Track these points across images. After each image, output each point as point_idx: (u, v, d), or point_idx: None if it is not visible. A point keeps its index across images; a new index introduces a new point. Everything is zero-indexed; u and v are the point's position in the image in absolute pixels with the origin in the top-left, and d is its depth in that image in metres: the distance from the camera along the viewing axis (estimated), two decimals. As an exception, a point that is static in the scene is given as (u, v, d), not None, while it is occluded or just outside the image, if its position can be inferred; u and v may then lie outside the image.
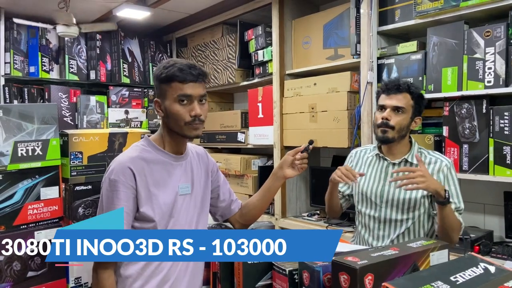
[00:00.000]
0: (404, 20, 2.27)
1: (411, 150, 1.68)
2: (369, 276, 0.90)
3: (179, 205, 1.35)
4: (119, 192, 1.26)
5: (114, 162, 1.31)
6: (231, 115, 3.45)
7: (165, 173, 1.34)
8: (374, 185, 1.70)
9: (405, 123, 1.62)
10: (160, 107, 1.32)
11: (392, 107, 1.62)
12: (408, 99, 1.63)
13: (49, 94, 3.42)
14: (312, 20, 2.86)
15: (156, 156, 1.34)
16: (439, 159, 1.64)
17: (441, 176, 1.61)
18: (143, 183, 1.29)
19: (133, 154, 1.32)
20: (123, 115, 3.72)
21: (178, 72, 1.26)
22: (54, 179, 1.48)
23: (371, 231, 1.70)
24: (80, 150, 1.51)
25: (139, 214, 1.29)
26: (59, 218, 1.51)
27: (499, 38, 1.91)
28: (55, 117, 1.46)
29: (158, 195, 1.30)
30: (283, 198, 2.98)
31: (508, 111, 1.90)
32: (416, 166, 1.58)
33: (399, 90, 1.62)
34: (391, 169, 1.67)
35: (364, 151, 1.82)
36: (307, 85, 2.78)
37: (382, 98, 1.67)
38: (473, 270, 0.93)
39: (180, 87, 1.27)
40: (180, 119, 1.28)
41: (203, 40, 3.71)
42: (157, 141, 1.37)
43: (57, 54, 3.60)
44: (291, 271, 1.08)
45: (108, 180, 1.28)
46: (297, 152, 1.54)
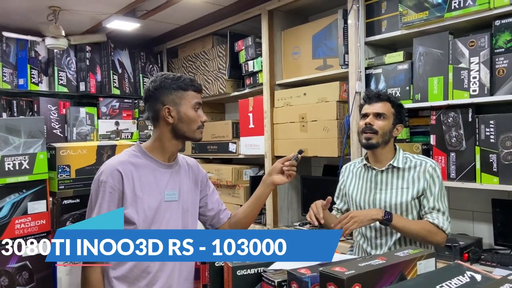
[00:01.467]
0: (390, 30, 2.31)
1: (396, 156, 1.72)
2: (356, 286, 0.90)
3: (163, 210, 1.41)
4: (105, 193, 1.34)
5: (104, 165, 1.40)
6: (222, 126, 3.45)
7: (152, 178, 1.41)
8: (366, 195, 1.74)
9: (387, 128, 1.68)
10: (171, 113, 1.41)
11: (374, 113, 1.69)
12: (388, 107, 1.70)
13: (38, 107, 3.40)
14: (301, 31, 2.89)
15: (144, 162, 1.42)
16: (423, 161, 1.68)
17: (427, 176, 1.64)
18: (130, 185, 1.36)
19: (123, 158, 1.40)
20: (113, 127, 3.71)
21: (191, 83, 1.44)
22: (42, 193, 1.47)
23: (369, 240, 1.72)
24: (68, 163, 1.50)
25: (124, 216, 1.32)
26: (47, 232, 1.50)
27: (483, 48, 1.95)
28: (42, 131, 1.46)
29: (143, 198, 1.37)
30: (275, 208, 2.98)
31: (493, 120, 1.93)
32: (403, 170, 1.68)
33: (379, 98, 1.70)
34: (379, 177, 1.72)
35: (353, 164, 1.86)
36: (297, 95, 2.80)
37: (364, 108, 1.74)
38: (459, 278, 0.94)
39: (195, 96, 1.44)
40: (195, 123, 1.43)
41: (193, 50, 3.72)
42: (148, 148, 1.45)
43: (46, 66, 3.59)
44: (280, 282, 1.07)
45: (97, 181, 1.36)
46: (286, 160, 1.56)
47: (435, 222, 1.61)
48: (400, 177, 1.68)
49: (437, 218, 1.61)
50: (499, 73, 1.91)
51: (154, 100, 1.42)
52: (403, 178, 1.68)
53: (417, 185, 1.65)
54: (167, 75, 1.44)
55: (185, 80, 1.43)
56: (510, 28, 1.89)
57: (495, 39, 1.93)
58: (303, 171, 3.13)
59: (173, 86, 1.42)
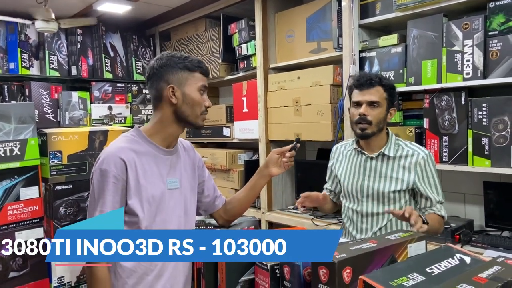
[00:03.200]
0: (385, 13, 2.29)
1: (388, 143, 1.68)
2: (347, 269, 0.91)
3: (167, 199, 1.34)
4: (109, 183, 1.25)
5: (104, 152, 1.30)
6: (216, 110, 3.43)
7: (154, 166, 1.33)
8: (354, 180, 1.72)
9: (381, 116, 1.63)
10: (175, 93, 1.32)
11: (367, 103, 1.62)
12: (381, 92, 1.63)
13: (30, 91, 3.36)
14: (295, 13, 2.85)
15: (146, 148, 1.33)
16: (416, 151, 1.64)
17: (418, 170, 1.62)
18: (134, 174, 1.28)
19: (124, 144, 1.31)
20: (106, 111, 3.68)
21: (199, 64, 1.35)
22: (34, 179, 1.46)
23: (354, 224, 1.73)
24: (60, 149, 1.49)
25: (127, 207, 1.28)
26: (40, 218, 1.50)
27: (477, 31, 1.94)
28: (32, 116, 1.44)
29: (147, 187, 1.30)
30: (269, 192, 2.99)
31: (486, 103, 1.94)
32: (394, 159, 1.65)
33: (371, 84, 1.62)
34: (369, 164, 1.70)
35: (344, 146, 1.83)
36: (291, 79, 2.78)
37: (355, 94, 1.67)
38: (448, 261, 0.95)
39: (202, 78, 1.36)
40: (199, 106, 1.35)
41: (186, 34, 3.68)
42: (148, 132, 1.36)
43: (37, 49, 3.53)
44: (273, 266, 1.09)
45: (99, 170, 1.27)
46: (283, 151, 1.56)
47: (442, 213, 1.63)
48: (390, 165, 1.66)
49: (441, 209, 1.63)
50: (492, 56, 1.91)
51: (158, 78, 1.33)
52: (393, 167, 1.65)
53: (407, 177, 1.63)
54: (174, 53, 1.36)
55: (192, 60, 1.35)
56: (505, 10, 1.87)
57: (489, 21, 1.91)
58: (297, 155, 3.09)
59: (180, 65, 1.33)
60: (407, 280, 0.82)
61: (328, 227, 2.54)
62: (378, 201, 1.67)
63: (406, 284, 0.80)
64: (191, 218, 1.46)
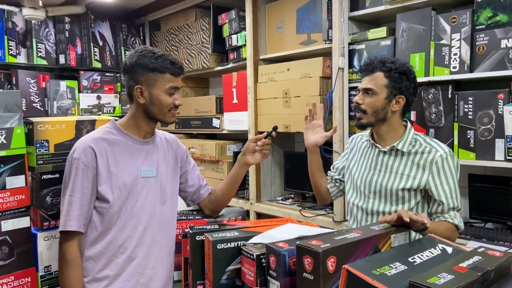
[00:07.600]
0: (374, 5, 2.29)
1: (404, 136, 1.52)
2: (331, 258, 0.93)
3: (140, 187, 1.40)
4: (78, 170, 1.33)
5: (78, 142, 1.38)
6: (206, 101, 3.42)
7: (127, 155, 1.39)
8: (364, 174, 1.59)
9: (378, 105, 1.48)
10: (142, 94, 1.37)
11: (362, 90, 1.52)
12: (380, 79, 1.48)
13: (17, 79, 3.31)
14: (286, 4, 2.85)
15: (119, 138, 1.40)
16: (433, 149, 1.48)
17: (434, 169, 1.46)
18: (104, 163, 1.35)
19: (97, 135, 1.39)
20: (95, 101, 3.64)
21: (171, 65, 1.37)
22: (20, 168, 1.45)
23: (358, 223, 1.59)
24: (46, 138, 1.48)
25: (98, 193, 1.35)
26: (27, 207, 1.49)
27: (465, 24, 1.96)
28: (19, 105, 1.43)
29: (117, 175, 1.36)
30: (258, 183, 3.00)
31: (472, 96, 1.96)
32: (408, 154, 1.50)
33: (370, 69, 1.51)
34: (381, 158, 1.56)
35: (360, 137, 1.70)
36: (281, 71, 2.79)
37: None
38: (431, 251, 0.98)
39: (172, 79, 1.38)
40: (166, 107, 1.39)
41: (176, 23, 3.64)
42: (123, 125, 1.43)
43: (24, 37, 3.47)
44: (259, 256, 1.10)
45: (71, 159, 1.36)
46: (258, 139, 1.56)
47: (455, 222, 1.45)
48: (403, 161, 1.50)
49: (454, 216, 1.46)
50: (479, 50, 1.93)
51: (129, 77, 1.39)
52: (406, 163, 1.50)
53: (419, 176, 1.47)
54: (146, 51, 1.37)
55: (164, 61, 1.36)
56: (492, 4, 1.89)
57: (477, 16, 1.93)
58: (286, 146, 3.15)
59: (150, 66, 1.35)
60: (390, 269, 0.84)
61: (315, 218, 2.56)
62: (385, 199, 1.52)
63: (388, 273, 0.82)
64: (170, 208, 1.49)
